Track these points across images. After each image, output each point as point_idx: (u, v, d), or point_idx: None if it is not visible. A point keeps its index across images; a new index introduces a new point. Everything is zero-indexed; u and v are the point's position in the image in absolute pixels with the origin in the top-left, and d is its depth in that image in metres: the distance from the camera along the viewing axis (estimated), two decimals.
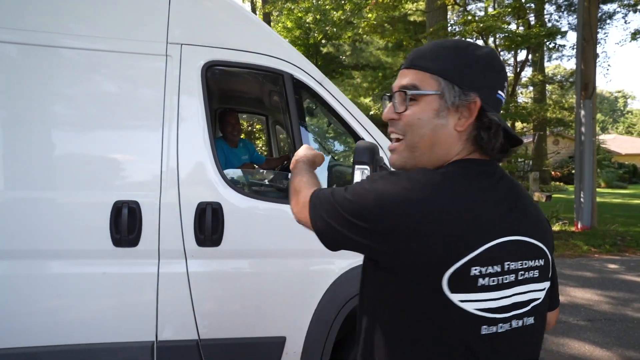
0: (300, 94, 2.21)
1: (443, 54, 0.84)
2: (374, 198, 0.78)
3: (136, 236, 1.89)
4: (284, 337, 2.07)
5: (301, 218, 0.95)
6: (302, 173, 1.08)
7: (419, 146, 0.84)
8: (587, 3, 9.39)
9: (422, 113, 0.83)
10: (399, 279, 0.78)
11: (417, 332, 0.78)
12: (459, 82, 0.80)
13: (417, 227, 0.74)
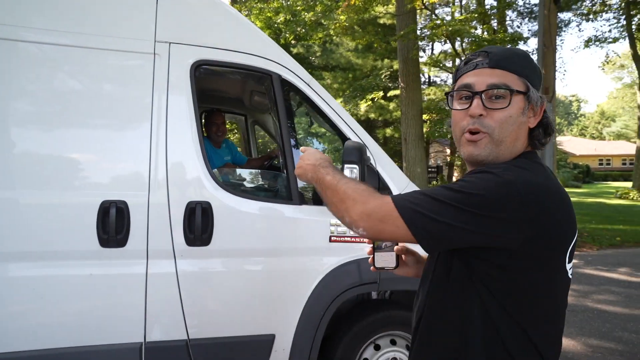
0: (288, 94, 2.24)
1: (522, 59, 0.94)
2: (511, 188, 0.82)
3: (124, 236, 1.87)
4: (273, 334, 2.09)
5: (373, 224, 0.89)
6: (342, 177, 1.01)
7: (506, 141, 0.91)
8: (547, 11, 9.86)
9: (512, 111, 0.91)
10: (524, 262, 0.84)
11: (536, 308, 0.87)
12: (536, 86, 0.94)
13: (556, 210, 0.84)
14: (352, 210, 0.91)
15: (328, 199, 0.99)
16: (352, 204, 0.92)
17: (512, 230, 0.82)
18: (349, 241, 2.18)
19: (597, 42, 23.09)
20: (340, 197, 0.95)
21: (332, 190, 0.98)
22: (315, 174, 1.05)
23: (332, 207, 0.98)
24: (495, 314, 0.87)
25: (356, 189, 0.95)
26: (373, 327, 2.28)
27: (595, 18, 22.45)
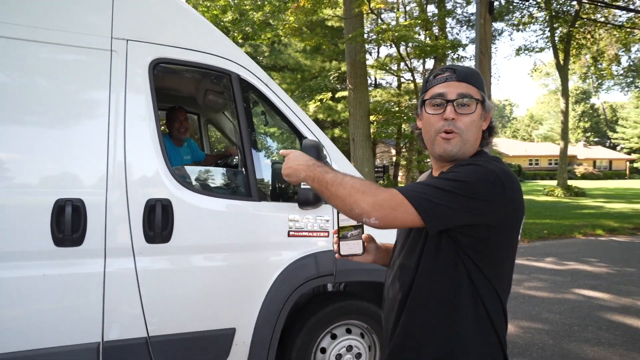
0: (247, 93, 2.29)
1: (478, 76, 1.16)
2: (495, 176, 1.02)
3: (80, 235, 1.84)
4: (233, 328, 2.14)
5: (385, 213, 1.01)
6: (343, 173, 1.09)
7: (470, 140, 1.12)
8: (483, 20, 10.56)
9: (475, 115, 1.12)
10: (500, 234, 1.05)
11: (502, 269, 1.10)
12: (486, 97, 1.15)
13: (519, 191, 1.06)
14: (363, 202, 1.01)
15: (332, 193, 1.06)
16: (362, 197, 1.02)
17: (496, 208, 1.02)
18: (307, 236, 2.27)
19: (526, 51, 24.95)
20: (348, 191, 1.03)
21: (337, 185, 1.05)
22: (311, 173, 1.11)
23: (338, 201, 1.05)
24: (476, 277, 1.06)
25: (363, 183, 1.05)
26: (329, 317, 2.39)
27: (524, 29, 24.23)
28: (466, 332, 1.06)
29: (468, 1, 15.32)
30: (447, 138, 1.10)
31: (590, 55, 24.72)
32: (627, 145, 59.80)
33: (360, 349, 2.45)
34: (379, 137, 13.17)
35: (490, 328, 1.07)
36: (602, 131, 66.39)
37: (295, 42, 16.64)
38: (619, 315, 4.22)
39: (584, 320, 4.08)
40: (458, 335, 1.06)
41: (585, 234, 9.34)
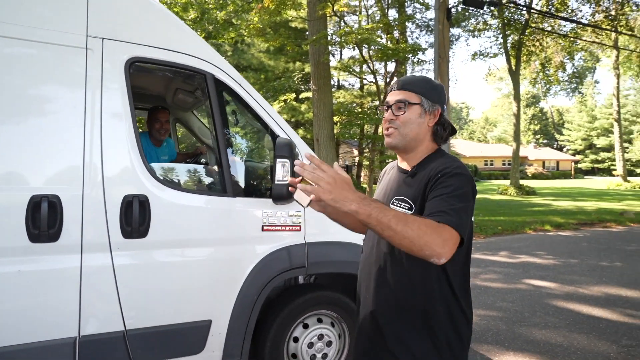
0: (222, 93, 2.36)
1: (420, 82, 1.37)
2: (471, 178, 1.25)
3: (57, 231, 1.85)
4: (209, 320, 2.20)
5: (450, 249, 1.08)
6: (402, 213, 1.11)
7: (409, 134, 1.34)
8: (441, 26, 11.02)
9: (409, 115, 1.34)
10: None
11: (467, 251, 1.30)
12: (430, 98, 1.34)
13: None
14: (434, 244, 1.04)
15: (397, 233, 1.04)
16: (432, 239, 1.04)
17: (474, 204, 1.26)
18: (280, 230, 2.37)
19: (481, 56, 26.11)
20: (416, 233, 1.04)
21: (403, 226, 1.04)
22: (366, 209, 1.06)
23: (405, 241, 1.04)
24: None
25: (426, 222, 1.07)
26: (301, 308, 2.50)
27: (479, 35, 25.33)
28: (437, 299, 1.26)
29: (427, 7, 15.88)
30: (388, 134, 1.37)
31: (539, 61, 26.21)
32: (572, 147, 63.66)
33: (331, 337, 2.58)
34: (343, 137, 13.41)
35: (453, 297, 1.27)
36: (550, 134, 70.31)
37: (259, 42, 16.61)
38: (563, 301, 4.59)
39: (533, 307, 4.41)
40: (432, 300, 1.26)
41: (535, 229, 9.94)
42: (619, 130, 33.47)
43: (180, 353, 2.15)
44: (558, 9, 21.36)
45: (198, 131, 3.82)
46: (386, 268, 1.31)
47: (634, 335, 3.66)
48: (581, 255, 7.07)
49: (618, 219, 11.53)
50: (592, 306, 4.43)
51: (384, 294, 1.32)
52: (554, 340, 3.56)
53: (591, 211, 13.39)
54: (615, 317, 4.09)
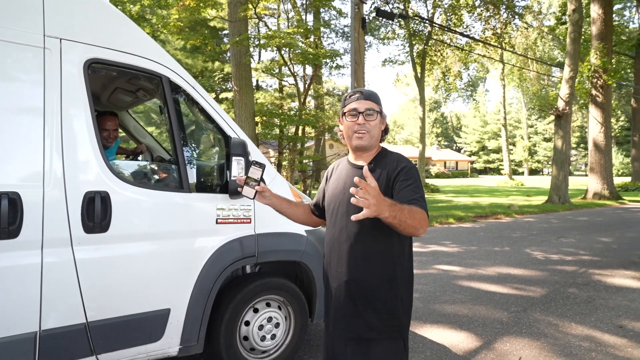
0: (177, 95, 2.48)
1: (376, 95, 1.69)
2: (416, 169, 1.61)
3: (17, 227, 1.87)
4: (168, 308, 2.33)
5: (426, 227, 1.44)
6: (407, 208, 1.39)
7: (375, 136, 1.66)
8: (357, 34, 11.76)
9: (376, 121, 1.66)
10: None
11: None
12: (382, 108, 1.69)
13: None
14: (424, 226, 1.42)
15: (407, 224, 1.36)
16: (423, 222, 1.42)
17: None
18: (232, 222, 2.57)
19: (390, 62, 27.92)
20: (418, 222, 1.39)
21: (411, 217, 1.37)
22: (394, 212, 1.32)
23: (409, 228, 1.37)
24: (398, 236, 1.58)
25: (420, 212, 1.43)
26: (252, 294, 2.71)
27: (389, 43, 27.08)
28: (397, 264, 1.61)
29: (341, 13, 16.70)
30: (360, 136, 1.64)
31: (440, 70, 28.76)
32: (469, 148, 70.51)
33: (279, 319, 2.83)
34: (265, 138, 13.57)
35: (408, 262, 1.65)
36: (450, 136, 77.07)
37: (174, 40, 16.07)
38: (466, 281, 5.33)
39: (444, 287, 5.07)
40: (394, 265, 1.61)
41: (441, 222, 11.06)
42: (505, 134, 37.89)
43: (140, 341, 2.25)
44: (455, 24, 23.73)
45: (133, 130, 3.81)
46: (358, 243, 1.61)
47: (520, 303, 4.44)
48: (479, 243, 8.11)
49: (506, 211, 13.25)
50: (488, 283, 5.21)
51: (357, 264, 1.61)
52: (461, 312, 4.19)
53: (485, 205, 15.17)
54: (506, 291, 4.89)
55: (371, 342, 1.60)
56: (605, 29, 17.88)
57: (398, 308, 1.60)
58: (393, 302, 1.59)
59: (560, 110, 15.50)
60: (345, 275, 1.63)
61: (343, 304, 1.64)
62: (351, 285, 1.62)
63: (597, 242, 8.06)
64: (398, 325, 1.61)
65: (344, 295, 1.64)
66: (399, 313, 1.60)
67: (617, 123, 53.86)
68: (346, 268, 1.63)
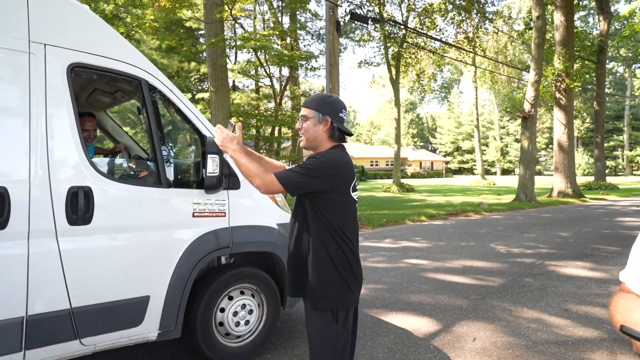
0: (155, 97, 2.66)
1: (316, 100, 1.89)
2: (322, 162, 1.76)
3: (5, 219, 2.02)
4: (148, 296, 2.51)
5: (269, 188, 1.74)
6: (248, 160, 1.78)
7: (310, 138, 1.90)
8: (332, 37, 12.04)
9: (308, 124, 1.87)
10: (331, 197, 1.79)
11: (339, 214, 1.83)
12: (321, 111, 1.86)
13: (343, 169, 1.80)
14: (255, 180, 1.76)
15: (241, 170, 1.79)
16: (256, 177, 1.76)
17: (325, 181, 1.76)
18: (208, 216, 2.77)
19: (366, 64, 28.35)
20: (249, 172, 1.77)
21: (245, 167, 1.78)
22: (233, 153, 1.82)
23: (246, 176, 1.78)
24: (321, 220, 1.80)
25: (256, 170, 1.76)
26: (226, 282, 2.91)
27: (364, 45, 27.49)
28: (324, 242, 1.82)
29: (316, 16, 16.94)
30: (300, 140, 1.94)
31: (415, 72, 29.38)
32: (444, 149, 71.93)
33: (252, 306, 3.04)
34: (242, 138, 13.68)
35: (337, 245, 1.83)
36: (426, 137, 78.43)
37: (149, 40, 15.99)
38: (432, 273, 5.65)
39: (411, 279, 5.36)
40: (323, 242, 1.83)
41: (413, 220, 11.44)
42: (478, 135, 38.95)
43: (122, 326, 2.42)
44: (429, 27, 24.35)
45: (111, 130, 3.94)
46: (295, 223, 1.91)
47: (479, 292, 4.78)
48: (447, 238, 8.49)
49: (476, 209, 13.78)
50: (452, 275, 5.54)
51: (292, 240, 1.93)
52: (425, 301, 4.48)
53: (457, 204, 15.69)
54: (468, 281, 5.22)
55: (306, 309, 1.88)
56: (567, 36, 18.75)
57: (321, 281, 1.81)
58: (318, 277, 1.81)
59: (527, 112, 16.18)
60: (290, 247, 1.93)
61: (290, 272, 1.94)
62: (292, 257, 1.93)
63: (556, 237, 8.56)
64: (325, 300, 1.81)
65: (290, 264, 1.95)
66: (325, 288, 1.81)
67: (582, 125, 56.14)
68: (290, 241, 1.93)
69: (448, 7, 23.74)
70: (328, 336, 1.81)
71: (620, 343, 3.37)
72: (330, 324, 1.82)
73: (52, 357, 2.21)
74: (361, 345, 3.33)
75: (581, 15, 35.10)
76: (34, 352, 2.13)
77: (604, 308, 4.20)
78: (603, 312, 4.09)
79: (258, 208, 3.02)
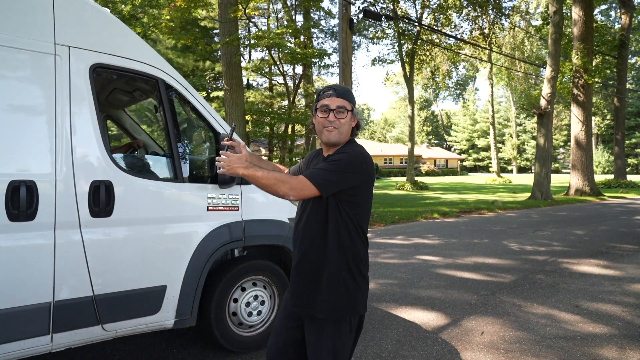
0: (172, 96, 2.78)
1: (349, 93, 1.77)
2: (353, 157, 1.67)
3: (33, 211, 2.16)
4: (165, 285, 2.63)
5: (300, 192, 1.59)
6: (266, 170, 1.59)
7: (344, 133, 1.75)
8: (344, 34, 12.08)
9: (347, 119, 1.75)
10: (360, 193, 1.70)
11: (363, 212, 1.75)
12: (354, 106, 1.79)
13: (371, 164, 1.71)
14: (282, 188, 1.58)
15: (262, 183, 1.58)
16: (281, 184, 1.58)
17: (359, 176, 1.68)
18: (222, 210, 2.88)
19: (380, 62, 28.28)
20: (271, 182, 1.58)
21: (265, 178, 1.57)
22: (246, 171, 1.59)
23: (268, 188, 1.59)
24: (342, 220, 1.69)
25: (279, 176, 1.59)
26: (239, 274, 3.02)
27: (378, 42, 27.43)
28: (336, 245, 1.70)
29: (330, 15, 16.99)
30: (329, 131, 1.73)
31: (430, 69, 29.19)
32: (459, 146, 71.23)
33: (264, 298, 3.15)
34: (255, 136, 13.84)
35: (355, 246, 1.73)
36: (441, 134, 77.76)
37: (165, 39, 16.27)
38: (444, 269, 5.69)
39: (421, 275, 5.42)
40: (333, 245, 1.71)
41: (425, 217, 11.44)
42: (493, 132, 38.49)
43: (140, 313, 2.55)
44: (444, 24, 24.15)
45: (130, 127, 4.09)
46: (308, 226, 1.75)
47: (489, 288, 4.80)
48: (460, 235, 8.49)
49: (490, 207, 13.69)
50: (463, 271, 5.57)
51: (305, 244, 1.76)
52: (435, 296, 4.53)
53: (471, 202, 15.60)
54: (478, 277, 5.25)
55: (314, 321, 1.71)
56: (586, 30, 18.41)
57: (340, 290, 1.67)
58: (333, 284, 1.68)
59: (542, 108, 15.97)
60: (299, 254, 1.78)
61: (296, 280, 1.78)
62: (304, 264, 1.76)
63: (571, 235, 8.49)
64: (339, 308, 1.67)
65: (297, 272, 1.78)
66: (341, 295, 1.67)
67: (603, 121, 54.94)
68: (299, 248, 1.78)
69: (463, 2, 23.51)
70: (338, 347, 1.69)
71: (631, 339, 3.38)
72: (343, 334, 1.70)
73: (76, 341, 2.35)
74: (370, 337, 3.42)
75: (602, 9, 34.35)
76: (60, 335, 2.27)
77: (616, 305, 4.20)
78: (615, 308, 4.09)
79: (270, 202, 3.12)
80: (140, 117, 8.96)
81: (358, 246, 1.72)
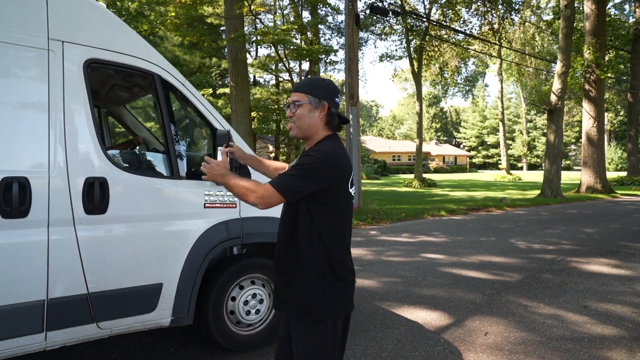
0: (168, 92, 2.74)
1: (309, 84, 1.70)
2: (318, 160, 1.56)
3: (26, 208, 2.14)
4: (161, 283, 2.60)
5: (267, 201, 1.55)
6: (238, 178, 1.62)
7: (303, 127, 1.69)
8: (351, 30, 11.98)
9: (303, 111, 1.68)
10: (330, 196, 1.61)
11: (335, 211, 1.66)
12: (316, 96, 1.67)
13: (341, 165, 1.62)
14: (251, 197, 1.57)
15: (235, 192, 1.62)
16: (249, 194, 1.58)
17: (325, 179, 1.59)
18: (219, 207, 2.84)
19: (388, 58, 28.10)
20: (242, 191, 1.60)
21: (237, 187, 1.61)
22: (222, 180, 1.65)
23: (240, 198, 1.62)
24: (314, 222, 1.63)
25: (248, 185, 1.59)
26: (237, 272, 2.99)
27: (386, 38, 27.22)
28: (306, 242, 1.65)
29: (338, 11, 16.89)
30: (289, 127, 1.74)
31: (438, 65, 28.93)
32: (468, 143, 70.63)
33: (262, 296, 3.11)
34: (261, 132, 13.82)
35: (320, 244, 1.64)
36: (449, 131, 77.14)
37: (172, 36, 16.29)
38: (449, 268, 5.61)
39: (426, 273, 5.34)
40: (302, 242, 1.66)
41: (432, 215, 11.34)
42: (503, 129, 38.05)
43: (136, 311, 2.52)
44: (452, 19, 23.89)
45: (131, 124, 4.07)
46: (283, 225, 1.75)
47: (495, 287, 4.72)
48: (466, 233, 8.39)
49: (498, 204, 13.53)
50: (469, 270, 5.49)
51: (280, 244, 1.76)
52: (439, 295, 4.46)
53: (479, 199, 15.44)
54: (484, 276, 5.17)
55: (292, 320, 1.70)
56: (598, 25, 18.07)
57: (313, 293, 1.62)
58: (306, 287, 1.63)
59: (553, 104, 15.73)
60: (276, 254, 1.77)
61: (275, 279, 1.79)
62: (278, 265, 1.75)
63: (580, 233, 8.34)
64: (308, 308, 1.62)
65: (275, 271, 1.79)
66: (314, 298, 1.62)
67: (616, 118, 54.04)
68: (276, 247, 1.78)
69: None
70: (311, 351, 1.65)
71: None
72: (319, 335, 1.65)
73: (71, 339, 2.33)
74: (370, 337, 3.36)
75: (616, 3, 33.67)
76: (55, 333, 2.25)
77: (626, 306, 4.10)
78: (625, 309, 3.99)
79: None
80: (143, 114, 8.97)
81: (332, 249, 1.64)
